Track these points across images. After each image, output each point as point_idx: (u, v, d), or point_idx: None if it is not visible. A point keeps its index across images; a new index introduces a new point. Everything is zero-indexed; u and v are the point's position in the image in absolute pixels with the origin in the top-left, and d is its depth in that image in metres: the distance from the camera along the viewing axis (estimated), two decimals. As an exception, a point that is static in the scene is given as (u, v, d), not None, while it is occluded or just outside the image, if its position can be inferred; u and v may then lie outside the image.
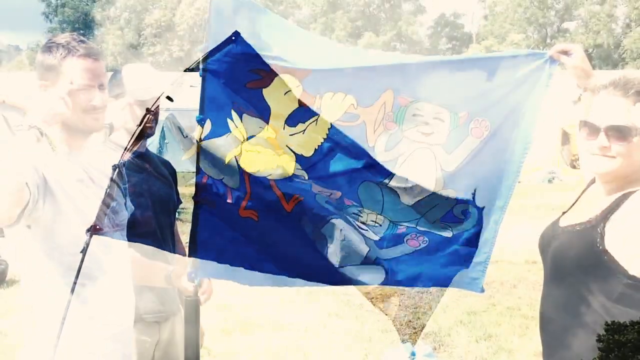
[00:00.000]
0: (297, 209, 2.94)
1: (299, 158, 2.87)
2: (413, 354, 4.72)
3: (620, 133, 2.29)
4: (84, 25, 56.13)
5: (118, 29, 56.59)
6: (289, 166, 2.87)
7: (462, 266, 3.09)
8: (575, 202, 2.52)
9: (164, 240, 3.15)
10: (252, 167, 2.85)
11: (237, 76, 2.78)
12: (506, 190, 3.01)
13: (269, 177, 2.87)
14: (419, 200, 2.97)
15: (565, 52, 2.73)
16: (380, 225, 3.00)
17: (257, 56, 2.77)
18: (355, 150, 2.88)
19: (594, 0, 57.60)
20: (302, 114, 2.82)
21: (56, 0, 59.35)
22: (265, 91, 2.80)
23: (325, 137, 2.84)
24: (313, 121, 2.82)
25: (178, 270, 2.96)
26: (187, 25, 53.63)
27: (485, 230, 3.06)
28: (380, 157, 2.93)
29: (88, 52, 2.47)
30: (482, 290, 3.15)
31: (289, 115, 2.83)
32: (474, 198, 3.01)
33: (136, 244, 2.67)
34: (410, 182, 2.90)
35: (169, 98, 3.20)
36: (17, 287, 7.89)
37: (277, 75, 2.78)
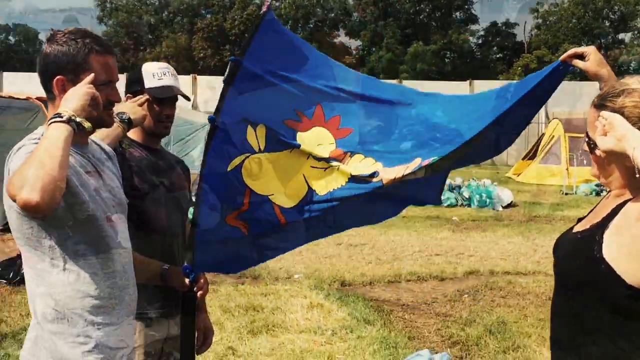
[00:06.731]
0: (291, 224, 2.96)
1: (310, 192, 2.89)
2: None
3: (587, 144, 2.30)
4: (137, 29, 57.03)
5: (171, 32, 57.41)
6: (297, 195, 2.89)
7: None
8: (592, 209, 2.45)
9: (175, 236, 3.18)
10: (255, 181, 2.86)
11: (280, 105, 2.83)
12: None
13: (270, 197, 2.89)
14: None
15: (580, 56, 2.68)
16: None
17: (303, 97, 2.83)
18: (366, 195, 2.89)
19: (650, 11, 56.42)
20: (328, 159, 2.87)
21: (110, 4, 60.46)
22: (299, 134, 2.85)
23: (342, 184, 2.86)
24: (337, 166, 2.85)
25: (174, 267, 2.98)
26: (238, 30, 54.15)
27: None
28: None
29: (107, 48, 2.48)
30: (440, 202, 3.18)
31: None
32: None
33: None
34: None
35: (185, 97, 3.24)
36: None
37: (316, 126, 2.85)
